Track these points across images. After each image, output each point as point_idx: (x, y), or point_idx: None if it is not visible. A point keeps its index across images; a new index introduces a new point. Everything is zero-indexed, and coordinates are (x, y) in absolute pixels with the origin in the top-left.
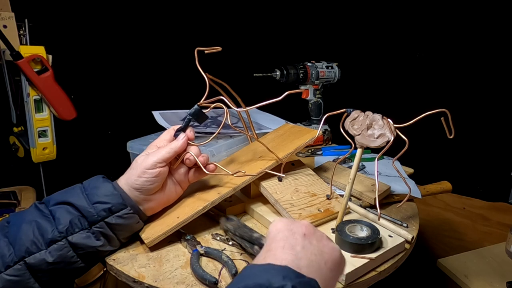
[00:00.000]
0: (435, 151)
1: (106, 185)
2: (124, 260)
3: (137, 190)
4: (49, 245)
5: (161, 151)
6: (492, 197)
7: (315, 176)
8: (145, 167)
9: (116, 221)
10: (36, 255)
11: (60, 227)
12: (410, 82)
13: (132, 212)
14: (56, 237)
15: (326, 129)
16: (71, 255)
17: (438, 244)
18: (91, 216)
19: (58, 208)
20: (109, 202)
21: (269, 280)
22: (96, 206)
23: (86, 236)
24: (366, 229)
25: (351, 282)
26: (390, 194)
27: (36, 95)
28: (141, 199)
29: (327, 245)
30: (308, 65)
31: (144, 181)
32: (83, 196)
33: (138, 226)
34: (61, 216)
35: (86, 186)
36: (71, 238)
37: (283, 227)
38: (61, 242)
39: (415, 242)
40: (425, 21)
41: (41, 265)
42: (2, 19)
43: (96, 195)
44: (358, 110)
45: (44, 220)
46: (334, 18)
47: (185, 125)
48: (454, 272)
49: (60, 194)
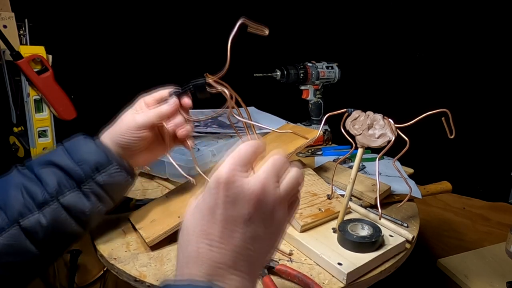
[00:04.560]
0: (435, 151)
1: (88, 143)
2: (125, 259)
3: (121, 146)
4: (41, 208)
5: (148, 114)
6: (492, 197)
7: (315, 176)
8: (129, 127)
9: (104, 179)
10: (30, 218)
11: (49, 189)
12: (410, 82)
13: (119, 169)
14: (47, 199)
15: (326, 129)
16: (64, 216)
17: (438, 244)
18: (78, 175)
19: (43, 170)
20: (94, 160)
21: None
22: (82, 165)
23: (76, 196)
24: (368, 227)
25: (352, 281)
26: (391, 194)
27: (36, 95)
28: (126, 155)
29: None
30: (309, 65)
31: (127, 141)
32: (67, 156)
33: (128, 184)
34: (48, 178)
35: (68, 146)
36: (62, 199)
37: (198, 216)
38: (53, 205)
39: (415, 242)
40: (425, 21)
41: (36, 227)
42: (2, 19)
43: (79, 154)
44: (359, 110)
45: (32, 183)
46: (334, 18)
47: (182, 91)
48: (454, 272)
49: (42, 157)
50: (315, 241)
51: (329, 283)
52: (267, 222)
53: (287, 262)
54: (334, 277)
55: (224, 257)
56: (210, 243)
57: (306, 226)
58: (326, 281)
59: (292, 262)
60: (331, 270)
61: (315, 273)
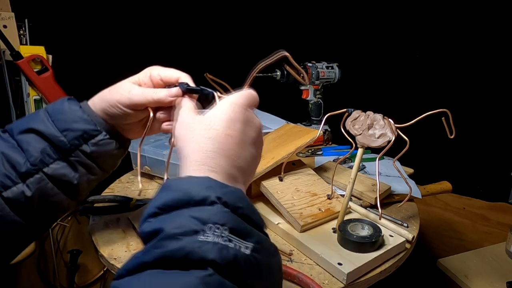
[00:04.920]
0: (435, 151)
1: (74, 109)
2: (125, 259)
3: (109, 116)
4: (25, 179)
5: (145, 94)
6: (492, 197)
7: (315, 176)
8: (120, 100)
9: (92, 148)
10: (13, 189)
11: (31, 159)
12: (410, 82)
13: (108, 137)
14: (31, 170)
15: (326, 129)
16: (50, 187)
17: (438, 244)
18: (64, 145)
19: (24, 137)
20: (79, 128)
21: (189, 193)
22: (67, 134)
23: (62, 167)
24: (368, 227)
25: (352, 281)
26: (391, 194)
27: (36, 95)
28: (116, 125)
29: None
30: (309, 65)
31: (116, 113)
32: (50, 123)
33: (120, 153)
34: (30, 146)
35: (51, 111)
36: (47, 170)
37: (191, 124)
38: (37, 175)
39: (415, 242)
40: (425, 21)
41: (20, 198)
42: (2, 19)
43: (64, 121)
44: (359, 110)
45: (13, 151)
46: (334, 18)
47: (191, 88)
48: (454, 272)
49: (22, 121)
50: (315, 241)
51: (329, 283)
52: (260, 149)
53: (287, 262)
54: (334, 277)
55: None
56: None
57: (306, 226)
58: (326, 281)
59: (292, 262)
60: (331, 270)
61: (315, 273)
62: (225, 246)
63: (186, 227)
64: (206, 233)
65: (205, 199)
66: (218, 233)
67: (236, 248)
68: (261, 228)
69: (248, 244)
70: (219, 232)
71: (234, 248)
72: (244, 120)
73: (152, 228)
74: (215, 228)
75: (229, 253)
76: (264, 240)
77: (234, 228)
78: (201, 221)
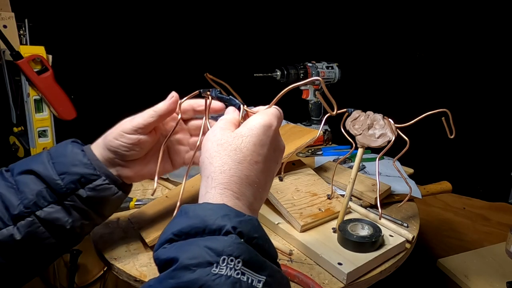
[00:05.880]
0: (435, 151)
1: (75, 152)
2: (125, 259)
3: (112, 152)
4: (16, 221)
5: (145, 112)
6: (492, 197)
7: (315, 176)
8: (123, 130)
9: (88, 193)
10: (3, 231)
11: (25, 201)
12: (410, 82)
13: (107, 182)
14: (23, 212)
15: (326, 129)
16: (42, 231)
17: (438, 244)
18: (59, 188)
19: (22, 178)
20: (78, 172)
21: (205, 221)
22: (64, 177)
23: (55, 211)
24: (368, 227)
25: (352, 281)
26: (391, 194)
27: (36, 95)
28: (118, 164)
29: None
30: (309, 65)
31: (119, 145)
32: (50, 165)
33: (118, 198)
34: (27, 188)
35: (53, 153)
36: (40, 213)
37: (215, 145)
38: (29, 218)
39: (415, 242)
40: (425, 21)
41: (9, 241)
42: (2, 19)
43: (63, 164)
44: (359, 110)
45: (9, 192)
46: (334, 18)
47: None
48: (454, 272)
49: (24, 162)
50: (315, 241)
51: (329, 283)
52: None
53: (287, 262)
54: (334, 277)
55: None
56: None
57: (306, 226)
58: (326, 281)
59: (292, 262)
60: (331, 270)
61: (315, 273)
62: (238, 279)
63: (201, 258)
64: (220, 265)
65: (220, 228)
66: (231, 265)
67: (248, 282)
68: (274, 259)
69: (261, 278)
70: (232, 265)
71: (246, 282)
72: (273, 146)
73: (167, 256)
74: (229, 260)
75: (241, 287)
76: (277, 272)
77: (248, 261)
78: (216, 253)
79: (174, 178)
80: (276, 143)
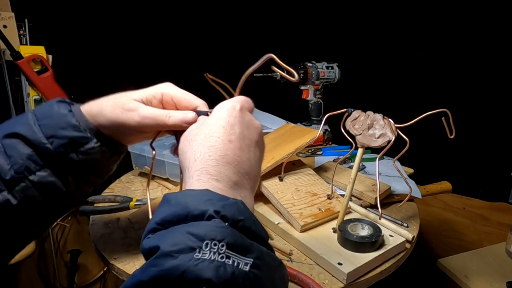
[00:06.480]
0: (435, 151)
1: (62, 113)
2: (125, 259)
3: (109, 129)
4: (10, 187)
5: (157, 118)
6: (492, 197)
7: (315, 176)
8: (126, 123)
9: (80, 157)
10: None
11: (16, 166)
12: (410, 82)
13: (99, 145)
14: (15, 177)
15: (326, 129)
16: (38, 195)
17: (438, 244)
18: (49, 152)
19: (9, 142)
20: (66, 135)
21: (187, 207)
22: (53, 141)
23: (48, 175)
24: (368, 227)
25: (352, 281)
26: (391, 194)
27: (36, 95)
28: (111, 132)
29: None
30: (309, 65)
31: (118, 131)
32: (36, 128)
33: (113, 159)
34: (14, 152)
35: (39, 114)
36: (33, 178)
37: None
38: (23, 183)
39: (415, 242)
40: (425, 21)
41: (6, 207)
42: (2, 19)
43: (51, 126)
44: (359, 110)
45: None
46: (334, 18)
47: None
48: (454, 272)
49: (8, 124)
50: (315, 241)
51: (329, 283)
52: (262, 151)
53: (287, 262)
54: (334, 277)
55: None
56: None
57: (306, 226)
58: (326, 281)
59: (292, 262)
60: (331, 270)
61: (315, 273)
62: (222, 263)
63: (182, 244)
64: (202, 250)
65: (203, 213)
66: (215, 249)
67: (234, 265)
68: (264, 241)
69: (247, 260)
70: (216, 249)
71: (231, 265)
72: (243, 124)
73: (150, 245)
74: (212, 245)
75: (226, 271)
76: (266, 254)
77: (233, 244)
78: (198, 238)
79: (174, 178)
80: (247, 120)
